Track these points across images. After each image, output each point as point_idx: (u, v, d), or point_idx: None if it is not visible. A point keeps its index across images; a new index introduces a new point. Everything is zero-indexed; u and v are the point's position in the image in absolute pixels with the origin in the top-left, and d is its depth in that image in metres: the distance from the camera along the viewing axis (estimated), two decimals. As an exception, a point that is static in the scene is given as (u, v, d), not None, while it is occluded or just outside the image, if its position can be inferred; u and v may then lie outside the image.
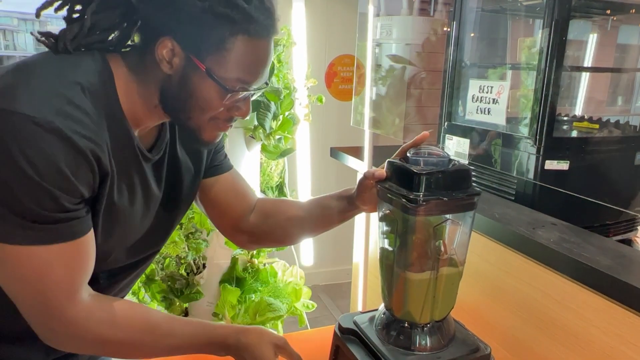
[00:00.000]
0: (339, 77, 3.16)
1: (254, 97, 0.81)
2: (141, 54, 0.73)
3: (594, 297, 0.93)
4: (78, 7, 0.74)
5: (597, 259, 0.92)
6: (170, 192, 0.87)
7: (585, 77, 1.79)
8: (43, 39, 0.73)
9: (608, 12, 1.55)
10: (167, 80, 0.73)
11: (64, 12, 0.75)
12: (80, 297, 0.72)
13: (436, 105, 2.24)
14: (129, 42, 0.78)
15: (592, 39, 1.79)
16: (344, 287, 3.20)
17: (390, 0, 1.80)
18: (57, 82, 0.67)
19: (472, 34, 1.58)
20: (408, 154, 0.85)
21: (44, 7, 0.75)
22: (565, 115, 1.70)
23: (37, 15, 0.75)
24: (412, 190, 0.78)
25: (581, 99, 1.79)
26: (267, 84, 0.81)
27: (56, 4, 0.74)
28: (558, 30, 1.24)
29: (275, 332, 0.86)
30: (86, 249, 0.71)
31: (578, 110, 1.79)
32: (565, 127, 1.62)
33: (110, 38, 0.76)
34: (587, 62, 1.81)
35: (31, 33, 0.80)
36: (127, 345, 0.76)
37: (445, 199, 0.78)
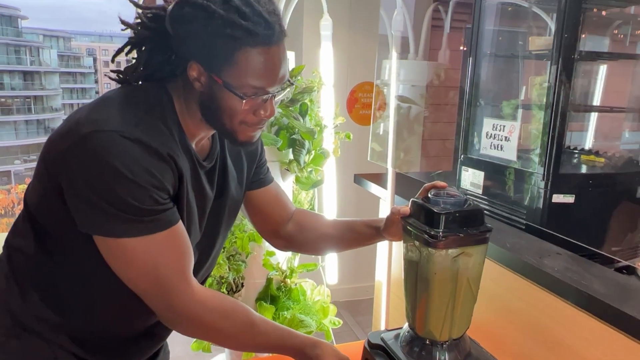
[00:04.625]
0: (360, 103, 3.30)
1: (277, 98, 0.92)
2: (183, 79, 0.90)
3: (592, 322, 1.04)
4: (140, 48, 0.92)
5: (595, 287, 1.04)
6: (219, 197, 1.02)
7: (592, 113, 1.91)
8: (114, 75, 0.92)
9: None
10: (202, 96, 0.87)
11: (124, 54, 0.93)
12: (192, 280, 0.86)
13: (438, 139, 2.46)
14: (174, 71, 0.93)
15: (600, 75, 1.90)
16: (363, 303, 3.28)
17: (400, 45, 1.99)
18: (135, 107, 0.85)
19: (486, 75, 1.72)
20: (429, 195, 0.99)
21: (117, 53, 0.95)
22: (574, 149, 1.82)
23: (112, 60, 0.96)
24: (433, 227, 0.92)
25: (590, 133, 1.90)
26: (291, 82, 0.92)
27: (126, 49, 0.92)
28: (564, 78, 1.38)
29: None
30: (183, 234, 0.86)
31: (588, 144, 1.91)
32: (573, 161, 1.74)
33: (160, 70, 0.92)
34: (596, 99, 1.92)
35: (105, 74, 1.01)
36: (229, 335, 0.91)
37: (461, 234, 0.92)
